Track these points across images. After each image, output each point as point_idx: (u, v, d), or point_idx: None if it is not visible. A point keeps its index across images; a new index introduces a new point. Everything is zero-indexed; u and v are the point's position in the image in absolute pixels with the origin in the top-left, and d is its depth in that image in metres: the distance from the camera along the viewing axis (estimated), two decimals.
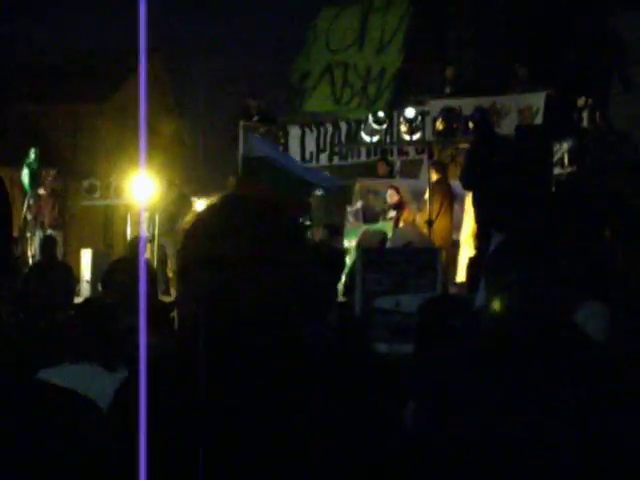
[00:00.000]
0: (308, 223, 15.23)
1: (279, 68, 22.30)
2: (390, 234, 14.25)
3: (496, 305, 2.85)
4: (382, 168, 16.78)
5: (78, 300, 12.95)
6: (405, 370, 6.24)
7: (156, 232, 16.43)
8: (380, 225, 15.13)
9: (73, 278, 13.84)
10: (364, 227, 15.47)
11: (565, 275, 2.98)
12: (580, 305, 5.71)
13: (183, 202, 16.70)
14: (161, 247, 16.39)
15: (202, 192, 17.41)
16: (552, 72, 16.92)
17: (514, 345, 2.77)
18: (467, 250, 13.70)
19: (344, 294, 11.93)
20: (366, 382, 2.15)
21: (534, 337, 2.75)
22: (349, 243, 14.86)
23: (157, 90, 29.94)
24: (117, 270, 13.21)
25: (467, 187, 13.21)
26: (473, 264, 11.94)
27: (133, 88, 28.13)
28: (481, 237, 12.15)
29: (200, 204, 16.41)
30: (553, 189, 13.10)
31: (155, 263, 16.67)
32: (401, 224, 14.74)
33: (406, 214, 14.98)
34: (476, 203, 12.64)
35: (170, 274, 16.27)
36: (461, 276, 13.43)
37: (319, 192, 15.34)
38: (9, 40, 30.32)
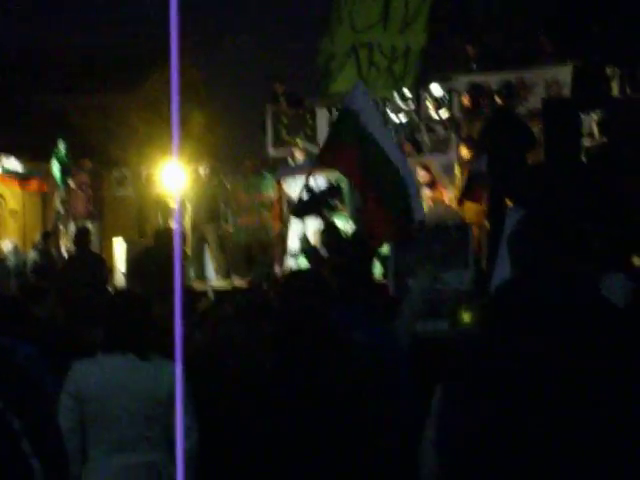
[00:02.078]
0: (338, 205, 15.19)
1: (304, 50, 22.26)
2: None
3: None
4: (406, 147, 16.71)
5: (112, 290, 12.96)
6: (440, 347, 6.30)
7: (188, 220, 16.45)
8: None
9: (106, 269, 13.73)
10: None
11: (591, 249, 2.99)
12: (603, 277, 5.74)
13: (222, 188, 16.63)
14: (200, 235, 16.25)
15: (233, 178, 17.36)
16: (579, 44, 16.76)
17: (549, 315, 2.76)
18: None
19: (383, 275, 11.95)
20: None
21: (566, 308, 2.75)
22: None
23: (185, 79, 29.99)
24: (143, 261, 13.25)
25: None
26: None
27: (162, 77, 28.21)
28: (493, 214, 12.12)
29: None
30: (583, 161, 13.00)
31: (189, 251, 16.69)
32: (430, 203, 14.62)
33: (437, 193, 14.87)
34: (493, 180, 12.60)
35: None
36: None
37: None
38: (38, 32, 30.52)
